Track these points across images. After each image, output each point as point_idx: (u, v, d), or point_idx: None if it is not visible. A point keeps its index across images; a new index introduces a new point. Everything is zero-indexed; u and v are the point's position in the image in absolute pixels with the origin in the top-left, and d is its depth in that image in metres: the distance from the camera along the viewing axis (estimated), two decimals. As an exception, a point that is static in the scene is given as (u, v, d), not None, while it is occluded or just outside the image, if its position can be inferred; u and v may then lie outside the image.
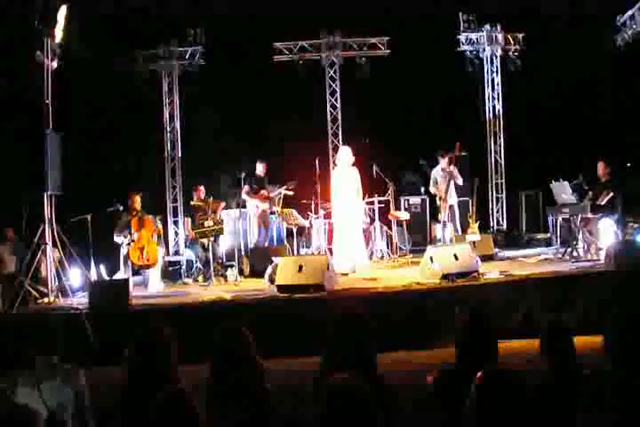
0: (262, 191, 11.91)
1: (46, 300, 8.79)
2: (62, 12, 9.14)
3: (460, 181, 11.74)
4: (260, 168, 12.12)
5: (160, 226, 11.02)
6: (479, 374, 2.63)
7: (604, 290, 8.07)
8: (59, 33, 9.32)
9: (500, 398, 2.55)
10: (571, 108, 13.30)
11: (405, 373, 7.14)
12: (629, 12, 12.77)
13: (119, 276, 9.98)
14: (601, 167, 10.51)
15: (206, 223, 10.38)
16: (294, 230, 11.40)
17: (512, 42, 14.25)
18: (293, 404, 3.50)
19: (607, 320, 3.83)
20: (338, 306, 4.06)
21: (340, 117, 14.41)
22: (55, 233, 8.97)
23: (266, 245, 11.94)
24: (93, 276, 9.63)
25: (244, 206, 11.99)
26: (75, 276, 9.45)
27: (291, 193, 11.92)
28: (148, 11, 12.52)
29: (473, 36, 14.28)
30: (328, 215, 11.48)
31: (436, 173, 11.84)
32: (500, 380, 2.61)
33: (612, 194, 10.16)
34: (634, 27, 12.69)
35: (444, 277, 8.65)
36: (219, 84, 13.80)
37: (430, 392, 3.70)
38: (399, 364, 7.27)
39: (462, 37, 14.26)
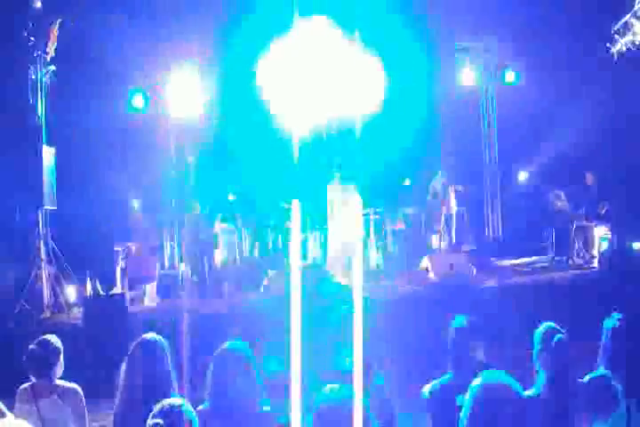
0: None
1: (42, 315, 8.76)
2: (55, 28, 9.17)
3: (460, 188, 11.79)
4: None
5: None
6: (474, 383, 2.63)
7: (600, 297, 8.09)
8: (52, 48, 9.34)
9: (495, 407, 2.54)
10: (566, 117, 13.31)
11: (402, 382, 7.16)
12: (623, 20, 12.74)
13: (115, 291, 9.93)
14: (589, 178, 10.55)
15: (201, 237, 10.39)
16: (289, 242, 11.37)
17: (508, 51, 14.25)
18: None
19: (603, 326, 3.85)
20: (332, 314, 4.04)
21: (334, 129, 14.36)
22: (51, 248, 8.95)
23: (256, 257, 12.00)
24: (89, 291, 9.59)
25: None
26: (71, 291, 9.41)
27: (287, 206, 11.93)
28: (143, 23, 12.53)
29: (468, 45, 14.26)
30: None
31: (435, 183, 11.89)
32: (496, 390, 2.60)
33: (608, 203, 10.22)
34: (628, 35, 12.66)
35: (440, 286, 8.66)
36: (213, 96, 13.79)
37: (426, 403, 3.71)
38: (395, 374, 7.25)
39: (458, 47, 14.24)
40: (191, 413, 2.91)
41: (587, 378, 3.79)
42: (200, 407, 3.52)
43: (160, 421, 2.76)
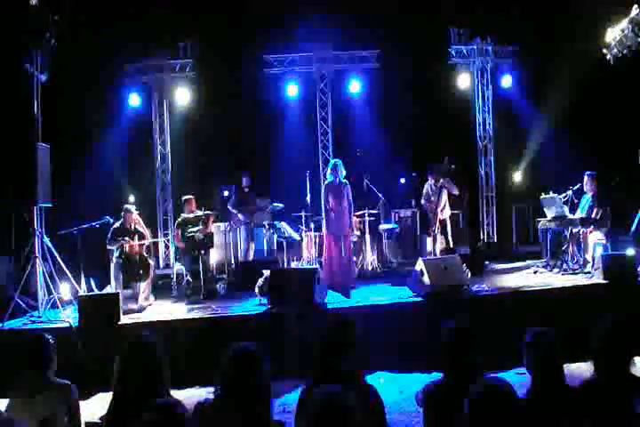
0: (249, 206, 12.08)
1: (36, 313, 8.74)
2: (54, 26, 9.15)
3: (455, 191, 11.80)
4: (245, 181, 12.17)
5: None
6: (472, 388, 2.63)
7: (593, 302, 8.12)
8: (49, 46, 9.32)
9: (494, 411, 2.55)
10: (561, 122, 13.37)
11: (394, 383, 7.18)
12: (620, 26, 12.75)
13: (109, 289, 9.90)
14: (587, 182, 10.57)
15: (196, 236, 10.36)
16: (284, 243, 11.38)
17: (503, 55, 14.34)
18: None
19: (595, 331, 3.86)
20: (326, 317, 4.04)
21: (330, 130, 14.39)
22: (45, 246, 8.93)
23: (251, 257, 11.97)
24: (83, 289, 9.56)
25: (231, 219, 12.10)
26: (65, 289, 9.39)
27: (281, 206, 11.91)
28: (139, 23, 12.54)
29: (464, 48, 14.34)
30: (318, 228, 11.47)
31: (428, 187, 11.89)
32: (494, 394, 2.61)
33: (603, 208, 10.23)
34: (624, 41, 12.65)
35: (433, 290, 8.65)
36: (209, 96, 13.83)
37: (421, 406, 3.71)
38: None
39: (453, 50, 14.33)
40: (185, 411, 2.91)
41: (579, 384, 3.80)
42: (202, 400, 3.47)
43: (153, 416, 2.77)
